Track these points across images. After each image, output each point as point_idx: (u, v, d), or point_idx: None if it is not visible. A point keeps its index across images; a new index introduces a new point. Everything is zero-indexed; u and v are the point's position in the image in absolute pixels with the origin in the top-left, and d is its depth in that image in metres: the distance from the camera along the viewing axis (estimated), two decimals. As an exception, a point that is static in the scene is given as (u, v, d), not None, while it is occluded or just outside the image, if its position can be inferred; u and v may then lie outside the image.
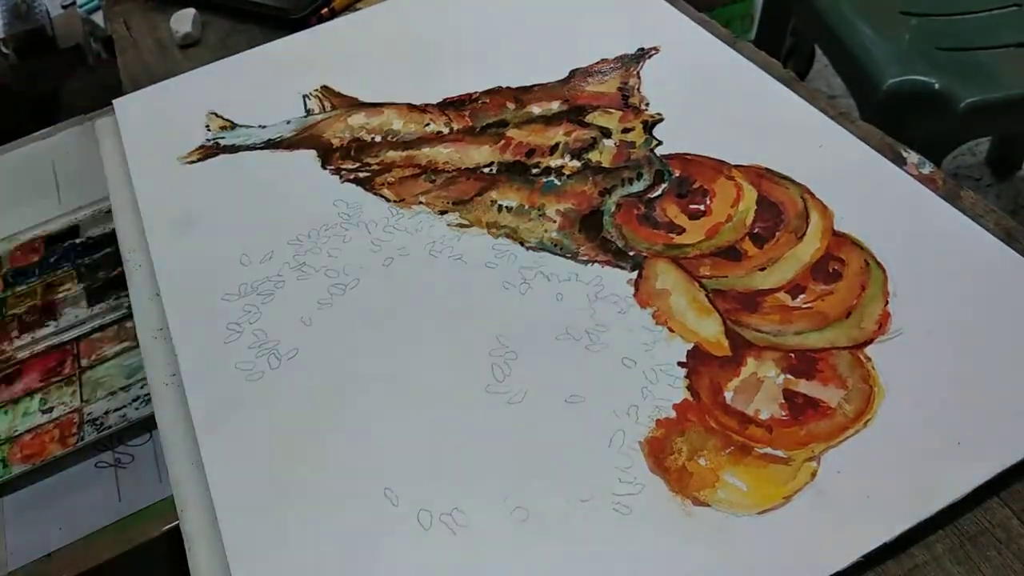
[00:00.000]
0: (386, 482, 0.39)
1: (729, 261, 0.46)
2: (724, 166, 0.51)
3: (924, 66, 0.86)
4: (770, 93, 0.56)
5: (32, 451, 0.49)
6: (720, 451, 0.38)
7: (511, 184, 0.53)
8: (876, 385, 0.39)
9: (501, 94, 0.60)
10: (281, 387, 0.43)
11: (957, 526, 0.35)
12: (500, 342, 0.44)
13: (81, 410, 0.51)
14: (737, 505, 0.36)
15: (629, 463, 0.38)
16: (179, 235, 0.53)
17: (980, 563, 0.34)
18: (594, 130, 0.56)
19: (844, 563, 0.34)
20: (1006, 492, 0.36)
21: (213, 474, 0.40)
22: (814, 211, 0.48)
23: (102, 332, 0.56)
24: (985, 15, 0.95)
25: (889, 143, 0.51)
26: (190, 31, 0.73)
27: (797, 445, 0.38)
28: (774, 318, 0.43)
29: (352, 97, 0.62)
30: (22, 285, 0.60)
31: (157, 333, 0.48)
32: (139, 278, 0.52)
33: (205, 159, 0.59)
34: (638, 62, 0.60)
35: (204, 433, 0.42)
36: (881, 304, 0.43)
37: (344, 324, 0.46)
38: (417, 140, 0.58)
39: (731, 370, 0.41)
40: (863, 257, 0.45)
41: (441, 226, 0.51)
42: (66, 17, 0.94)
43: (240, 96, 0.63)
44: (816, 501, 0.36)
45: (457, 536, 0.36)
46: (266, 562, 0.37)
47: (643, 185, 0.51)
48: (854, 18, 0.94)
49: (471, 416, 0.41)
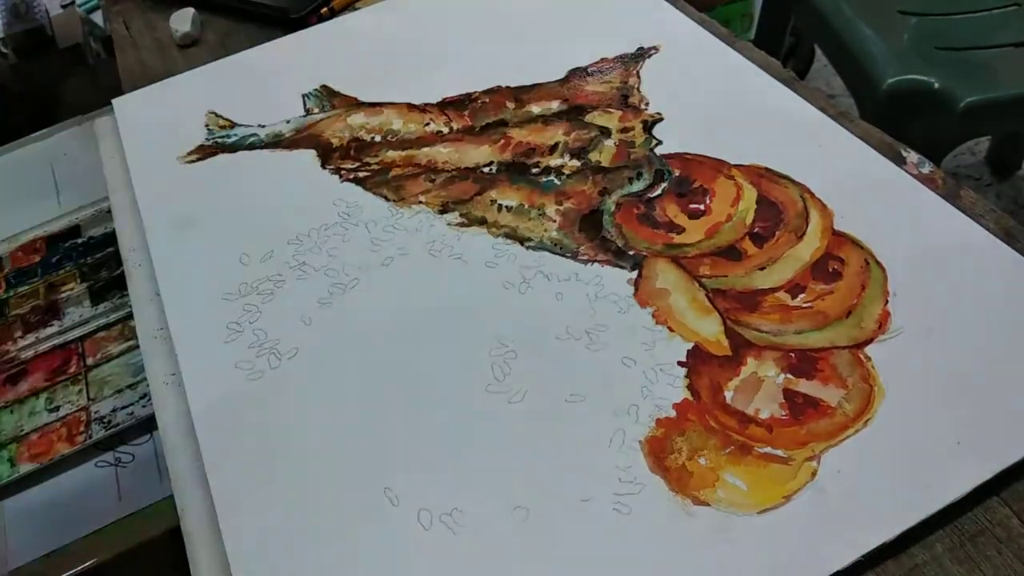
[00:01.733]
0: (386, 482, 0.39)
1: (729, 260, 0.46)
2: (724, 165, 0.51)
3: (924, 66, 0.86)
4: (770, 93, 0.56)
5: (40, 450, 0.49)
6: (720, 450, 0.38)
7: (511, 184, 0.53)
8: (876, 384, 0.39)
9: (501, 94, 0.60)
10: (281, 386, 0.43)
11: (957, 525, 0.35)
12: (500, 342, 0.44)
13: (88, 408, 0.51)
14: (737, 504, 0.36)
15: (629, 463, 0.38)
16: (179, 235, 0.53)
17: (980, 562, 0.34)
18: (594, 130, 0.56)
19: (844, 562, 0.34)
20: (1006, 491, 0.36)
21: (213, 474, 0.40)
22: (814, 210, 0.48)
23: (107, 331, 0.56)
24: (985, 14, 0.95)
25: (889, 143, 0.51)
26: (189, 31, 0.73)
27: (797, 445, 0.38)
28: (774, 318, 0.43)
29: (352, 97, 0.62)
30: (24, 285, 0.60)
31: (157, 333, 0.48)
32: (139, 278, 0.52)
33: (205, 159, 0.59)
34: (638, 62, 0.60)
35: (204, 433, 0.42)
36: (881, 303, 0.43)
37: (344, 323, 0.46)
38: (417, 140, 0.58)
39: (731, 369, 0.41)
40: (863, 256, 0.45)
41: (441, 226, 0.51)
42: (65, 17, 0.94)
43: (239, 96, 0.63)
44: (816, 500, 0.36)
45: (457, 536, 0.36)
46: (266, 562, 0.37)
47: (643, 185, 0.51)
48: (854, 18, 0.94)
49: (471, 416, 0.41)
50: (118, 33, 0.77)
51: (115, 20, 0.79)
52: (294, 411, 0.42)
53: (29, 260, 0.62)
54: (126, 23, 0.78)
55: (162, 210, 0.55)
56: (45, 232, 0.64)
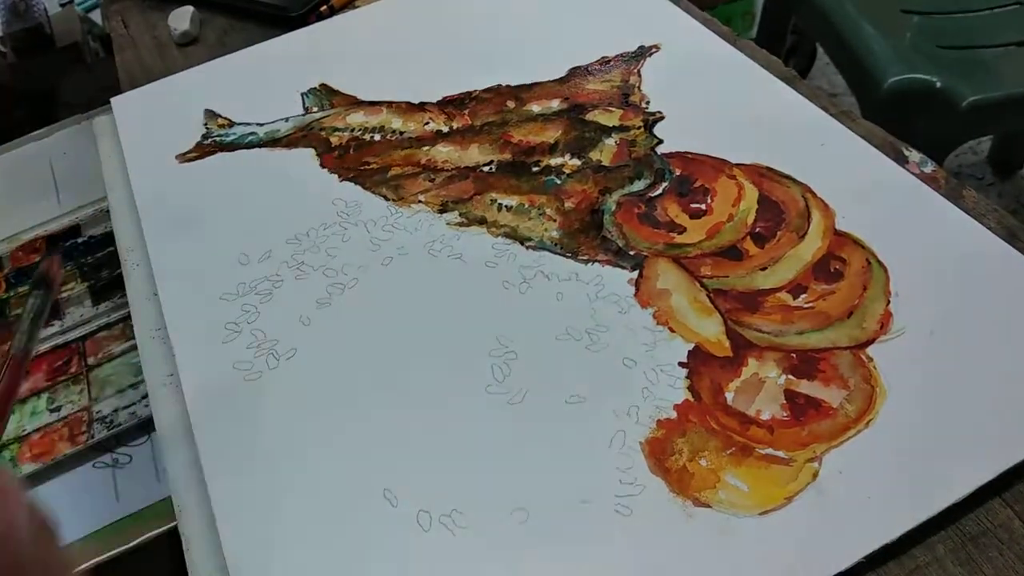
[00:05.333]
0: (386, 482, 0.38)
1: (730, 261, 0.46)
2: (725, 165, 0.51)
3: (926, 64, 0.86)
4: (771, 91, 0.55)
5: (41, 450, 0.49)
6: (721, 452, 0.38)
7: (511, 183, 0.53)
8: (878, 385, 0.39)
9: (501, 92, 0.59)
10: (279, 387, 0.43)
11: (959, 527, 0.35)
12: (500, 342, 0.43)
13: (90, 408, 0.51)
14: (738, 506, 0.36)
15: (630, 464, 0.38)
16: (177, 234, 0.53)
17: (982, 564, 0.34)
18: (594, 129, 0.55)
19: (846, 564, 0.34)
20: (1008, 492, 0.36)
21: (211, 474, 0.40)
22: (815, 210, 0.48)
23: (108, 331, 0.56)
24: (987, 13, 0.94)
25: (891, 141, 0.51)
26: (188, 29, 0.73)
27: (798, 446, 0.37)
28: (775, 318, 0.43)
29: (351, 95, 0.62)
30: (24, 285, 0.60)
31: (155, 333, 0.48)
32: (137, 277, 0.52)
33: (203, 157, 0.58)
34: (639, 60, 0.60)
35: (202, 433, 0.42)
36: (883, 304, 0.42)
37: (343, 324, 0.46)
38: (416, 139, 0.57)
39: (732, 370, 0.41)
40: (865, 256, 0.45)
41: (440, 225, 0.51)
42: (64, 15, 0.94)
43: (238, 94, 0.63)
44: (817, 502, 0.35)
45: (457, 536, 0.36)
46: (264, 563, 0.36)
47: (644, 184, 0.51)
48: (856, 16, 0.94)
49: (471, 416, 0.40)
50: (117, 32, 0.77)
51: (114, 19, 0.78)
52: (292, 412, 0.42)
53: (29, 260, 0.62)
54: (125, 22, 0.78)
55: (160, 209, 0.55)
56: (45, 231, 0.64)
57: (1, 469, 0.38)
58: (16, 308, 0.59)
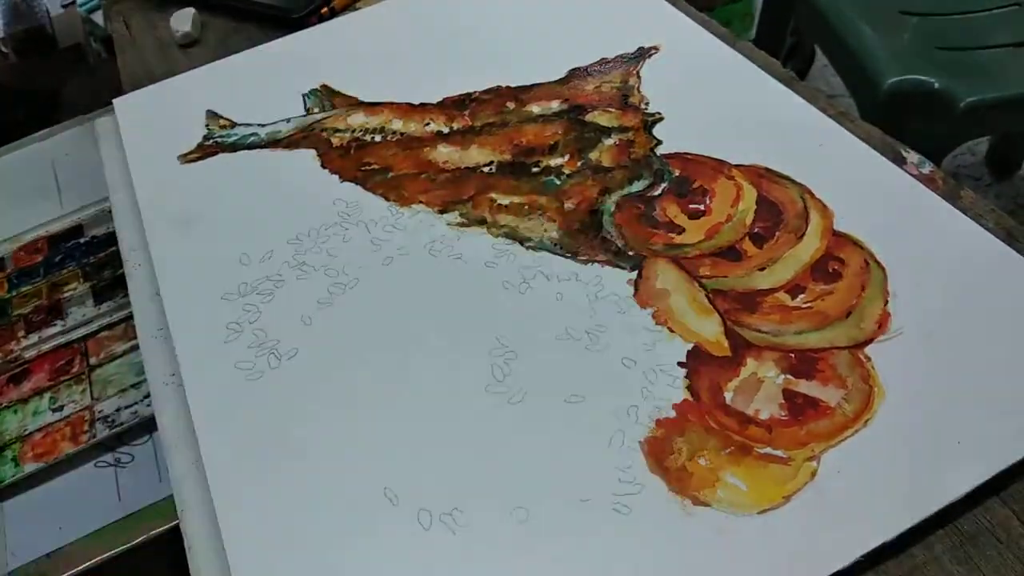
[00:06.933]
0: (386, 482, 0.39)
1: (729, 261, 0.46)
2: (724, 166, 0.51)
3: (924, 66, 0.86)
4: (770, 93, 0.56)
5: (44, 449, 0.49)
6: (720, 451, 0.38)
7: (511, 183, 0.53)
8: (876, 385, 0.39)
9: (501, 93, 0.60)
10: (281, 387, 0.43)
11: (957, 526, 0.35)
12: (500, 342, 0.44)
13: (92, 408, 0.51)
14: (737, 505, 0.36)
15: (629, 463, 0.38)
16: (179, 234, 0.53)
17: (980, 563, 0.34)
18: (594, 129, 0.56)
19: (844, 563, 0.34)
20: (1006, 492, 0.36)
21: (213, 474, 0.40)
22: (814, 211, 0.48)
23: (110, 330, 0.56)
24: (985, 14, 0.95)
25: (889, 143, 0.51)
26: (190, 30, 0.73)
27: (797, 445, 0.38)
28: (774, 318, 0.43)
29: (352, 96, 0.62)
30: (27, 285, 0.60)
31: (157, 333, 0.48)
32: (139, 278, 0.52)
33: (205, 158, 0.59)
34: (638, 61, 0.60)
35: (204, 433, 0.42)
36: (881, 304, 0.43)
37: (344, 323, 0.46)
38: (417, 139, 0.58)
39: (731, 370, 0.41)
40: (863, 257, 0.45)
41: (441, 225, 0.51)
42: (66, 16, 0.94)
43: (240, 95, 0.63)
44: (816, 501, 0.36)
45: (457, 536, 0.36)
46: (266, 562, 0.37)
47: (643, 185, 0.51)
48: (854, 18, 0.94)
49: (471, 416, 0.41)
50: (119, 33, 0.77)
51: (116, 20, 0.78)
52: (294, 411, 0.42)
53: (31, 260, 0.62)
54: (127, 23, 0.78)
55: (162, 210, 0.55)
56: (47, 232, 0.64)
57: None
58: (18, 308, 0.59)
